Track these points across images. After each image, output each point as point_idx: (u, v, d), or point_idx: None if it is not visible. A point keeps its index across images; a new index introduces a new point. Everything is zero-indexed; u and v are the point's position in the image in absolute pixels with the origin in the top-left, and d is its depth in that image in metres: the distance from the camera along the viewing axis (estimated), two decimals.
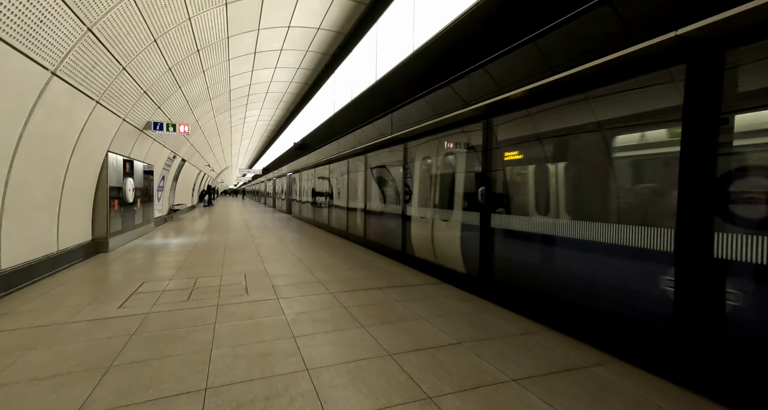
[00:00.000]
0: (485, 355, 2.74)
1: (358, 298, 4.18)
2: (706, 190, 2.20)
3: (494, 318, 3.54)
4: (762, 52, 2.02)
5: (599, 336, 2.86)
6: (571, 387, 2.30)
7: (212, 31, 7.35)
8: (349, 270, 5.67)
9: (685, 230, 2.29)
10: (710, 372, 2.17)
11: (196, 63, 8.29)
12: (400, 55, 6.34)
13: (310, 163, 13.11)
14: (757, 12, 1.88)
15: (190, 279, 4.99)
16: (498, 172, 4.14)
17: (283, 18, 8.01)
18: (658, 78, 2.53)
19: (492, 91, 3.77)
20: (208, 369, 2.50)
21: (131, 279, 5.02)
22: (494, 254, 4.13)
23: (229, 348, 2.86)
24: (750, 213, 2.07)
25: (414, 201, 6.04)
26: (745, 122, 2.12)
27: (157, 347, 2.86)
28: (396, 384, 2.32)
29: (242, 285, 4.71)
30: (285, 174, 19.49)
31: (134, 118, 7.70)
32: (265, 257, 6.69)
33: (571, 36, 2.87)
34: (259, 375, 2.44)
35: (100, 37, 4.85)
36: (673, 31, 2.18)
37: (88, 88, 5.35)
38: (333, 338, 3.06)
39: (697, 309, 2.23)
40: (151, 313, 3.63)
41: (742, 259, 2.05)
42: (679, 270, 2.32)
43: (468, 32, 4.45)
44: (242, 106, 15.05)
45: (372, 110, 7.25)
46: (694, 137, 2.26)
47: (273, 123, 20.75)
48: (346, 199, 9.49)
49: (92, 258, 6.49)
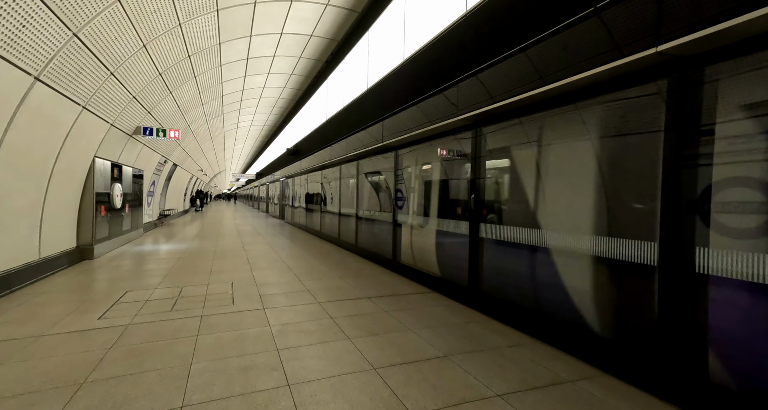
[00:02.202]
0: (471, 369, 2.69)
1: (346, 308, 4.12)
2: (688, 202, 2.20)
3: (482, 330, 3.50)
4: (735, 69, 2.06)
5: (585, 349, 2.83)
6: (556, 403, 2.26)
7: (203, 37, 7.32)
8: (339, 278, 5.60)
9: (667, 243, 2.28)
10: (692, 386, 2.14)
11: (187, 68, 8.23)
12: (391, 63, 6.36)
13: (303, 169, 13.06)
14: (727, 33, 1.94)
15: (175, 288, 4.89)
16: (487, 181, 4.13)
17: (275, 25, 8.00)
18: (644, 91, 2.55)
19: (482, 101, 3.77)
20: (186, 386, 2.42)
21: (115, 287, 4.91)
22: (483, 264, 4.11)
23: (210, 362, 2.79)
24: (735, 223, 2.06)
25: (405, 208, 6.01)
26: (722, 134, 2.13)
27: (135, 361, 2.77)
28: (379, 401, 2.27)
29: (228, 295, 4.62)
30: (278, 179, 19.39)
31: (123, 123, 7.60)
32: (255, 264, 6.60)
33: (560, 48, 2.89)
34: (239, 391, 2.37)
35: (86, 43, 4.79)
36: (653, 47, 2.19)
37: (74, 93, 5.27)
38: (318, 351, 3.00)
39: (681, 323, 2.21)
40: (131, 325, 3.53)
41: (725, 273, 2.04)
42: (661, 283, 2.31)
43: (456, 43, 4.47)
44: (235, 111, 14.98)
45: (364, 117, 7.25)
46: (674, 150, 2.27)
47: (266, 128, 20.69)
48: (338, 206, 9.44)
49: (76, 266, 6.34)
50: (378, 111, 6.52)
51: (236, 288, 4.96)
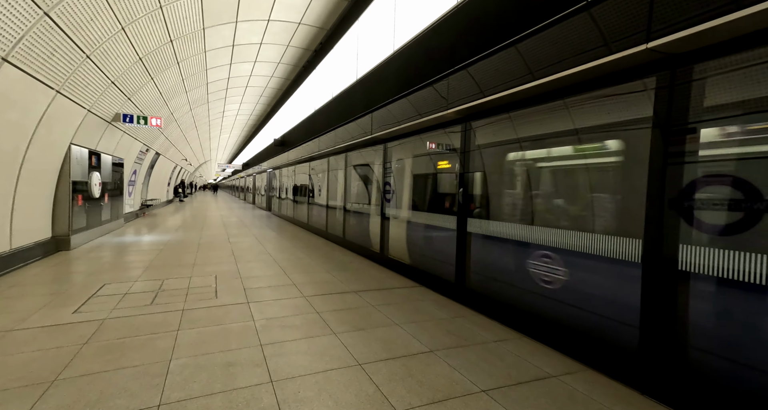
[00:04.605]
0: (457, 364, 2.69)
1: (332, 302, 4.08)
2: (674, 199, 2.22)
3: (469, 325, 3.51)
4: (723, 68, 2.06)
5: (569, 344, 2.87)
6: (539, 397, 2.28)
7: (186, 21, 7.03)
8: (326, 272, 5.54)
9: (651, 240, 2.30)
10: (673, 382, 2.19)
11: (169, 54, 7.92)
12: (381, 54, 6.24)
13: (290, 160, 12.85)
14: (716, 31, 1.94)
15: (156, 281, 4.76)
16: (476, 175, 4.11)
17: (262, 11, 7.75)
18: (634, 87, 2.54)
19: (472, 95, 3.73)
20: (165, 383, 2.35)
21: (92, 280, 4.74)
22: (470, 258, 4.11)
23: (191, 358, 2.71)
24: (718, 220, 2.09)
25: (393, 202, 5.97)
26: (710, 133, 2.14)
27: (112, 357, 2.68)
28: (363, 397, 2.24)
29: (212, 288, 4.52)
30: (265, 170, 19.07)
31: (101, 110, 7.29)
32: (240, 257, 6.48)
33: (550, 43, 2.85)
34: (220, 388, 2.31)
35: (59, 23, 4.52)
36: (644, 44, 2.18)
37: (47, 76, 5.00)
38: (302, 346, 2.95)
39: (662, 319, 2.25)
40: (108, 319, 3.41)
41: (706, 270, 2.07)
42: (645, 279, 2.33)
43: (447, 35, 4.39)
44: (221, 100, 14.58)
45: (353, 109, 7.12)
46: (661, 146, 2.28)
47: (253, 117, 20.25)
48: (326, 198, 9.33)
49: (51, 257, 6.11)
50: (367, 103, 6.41)
51: (220, 281, 4.85)
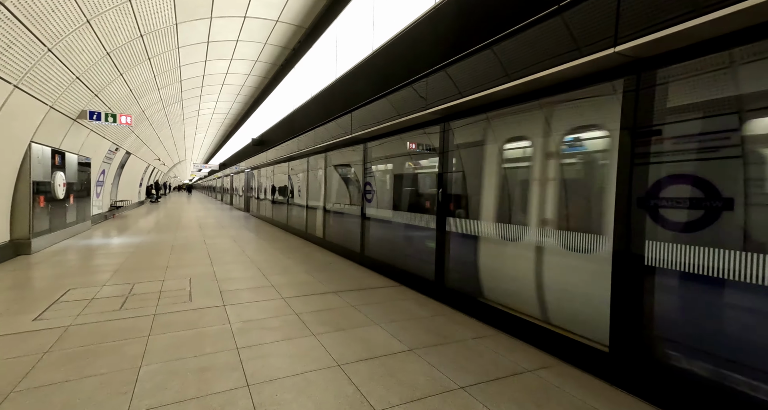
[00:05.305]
0: (436, 362, 2.71)
1: (312, 303, 4.02)
2: (640, 198, 2.32)
3: (449, 323, 3.54)
4: (687, 71, 2.16)
5: (544, 339, 2.94)
6: (516, 392, 2.33)
7: (158, 15, 6.77)
8: (306, 273, 5.47)
9: (620, 237, 2.39)
10: (640, 373, 2.28)
11: (139, 49, 7.61)
12: (360, 54, 6.22)
13: (269, 160, 12.61)
14: (676, 37, 2.03)
15: (126, 285, 4.55)
16: (454, 175, 4.16)
17: (238, 7, 7.57)
18: (605, 90, 2.64)
19: (450, 95, 3.77)
20: (134, 391, 2.25)
21: (55, 285, 4.49)
22: (449, 257, 4.15)
23: (163, 364, 2.61)
24: (681, 218, 2.19)
25: (374, 201, 5.95)
26: (673, 134, 2.24)
27: (76, 366, 2.54)
28: (342, 398, 2.22)
29: (186, 291, 4.37)
30: (243, 170, 18.64)
31: (65, 106, 6.91)
32: (216, 259, 6.30)
33: (525, 46, 2.92)
34: (193, 394, 2.23)
35: (15, 13, 4.26)
36: (612, 48, 2.26)
37: (2, 69, 4.70)
38: (281, 348, 2.89)
39: (629, 313, 2.34)
40: (73, 326, 3.24)
41: (672, 265, 2.17)
42: (614, 275, 2.42)
43: (427, 36, 4.42)
44: (196, 98, 14.15)
45: (332, 108, 7.07)
46: (628, 147, 2.37)
47: (230, 116, 19.76)
48: (306, 198, 9.21)
49: (10, 262, 5.74)
50: (347, 102, 6.37)
51: (195, 284, 4.70)
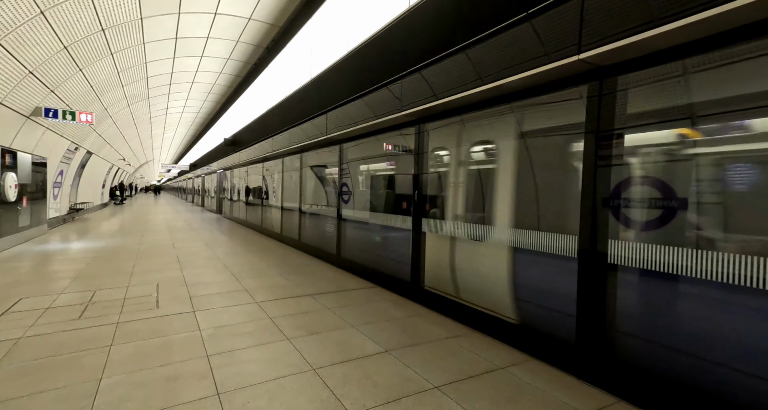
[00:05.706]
0: (412, 362, 2.73)
1: (286, 307, 3.95)
2: (604, 198, 2.43)
3: (425, 323, 3.57)
4: (644, 79, 2.30)
5: (515, 336, 3.03)
6: (489, 389, 2.38)
7: (120, 9, 6.45)
8: (280, 275, 5.36)
9: (585, 236, 2.50)
10: (603, 366, 2.39)
11: (101, 43, 7.22)
12: (336, 54, 6.18)
13: (242, 161, 12.29)
14: (633, 46, 2.15)
15: (86, 293, 4.30)
16: (429, 176, 4.21)
17: (208, 3, 7.34)
18: (572, 95, 2.75)
19: (425, 98, 3.81)
20: (93, 404, 2.12)
21: (4, 295, 4.17)
22: (425, 258, 4.19)
23: (126, 375, 2.48)
24: (641, 217, 2.32)
25: (350, 203, 5.93)
26: (633, 138, 2.38)
27: (29, 381, 2.37)
28: (317, 403, 2.19)
29: (153, 298, 4.18)
30: (215, 171, 18.06)
31: (16, 102, 6.45)
32: (186, 263, 6.06)
33: (497, 51, 3.00)
34: (159, 405, 2.13)
35: None
36: (576, 55, 2.37)
37: None
38: (253, 354, 2.82)
39: (594, 310, 2.45)
40: (25, 338, 3.02)
41: (632, 263, 2.29)
42: (580, 272, 2.53)
43: (402, 38, 4.46)
44: (163, 96, 13.58)
45: (307, 109, 6.98)
46: (593, 150, 2.49)
47: (201, 116, 19.10)
48: (281, 199, 9.04)
49: None
50: (322, 102, 6.31)
51: (162, 289, 4.50)
